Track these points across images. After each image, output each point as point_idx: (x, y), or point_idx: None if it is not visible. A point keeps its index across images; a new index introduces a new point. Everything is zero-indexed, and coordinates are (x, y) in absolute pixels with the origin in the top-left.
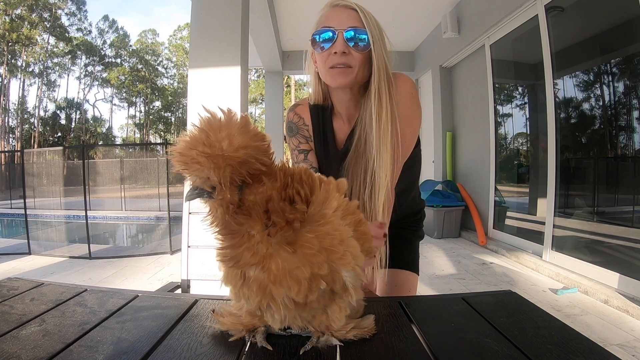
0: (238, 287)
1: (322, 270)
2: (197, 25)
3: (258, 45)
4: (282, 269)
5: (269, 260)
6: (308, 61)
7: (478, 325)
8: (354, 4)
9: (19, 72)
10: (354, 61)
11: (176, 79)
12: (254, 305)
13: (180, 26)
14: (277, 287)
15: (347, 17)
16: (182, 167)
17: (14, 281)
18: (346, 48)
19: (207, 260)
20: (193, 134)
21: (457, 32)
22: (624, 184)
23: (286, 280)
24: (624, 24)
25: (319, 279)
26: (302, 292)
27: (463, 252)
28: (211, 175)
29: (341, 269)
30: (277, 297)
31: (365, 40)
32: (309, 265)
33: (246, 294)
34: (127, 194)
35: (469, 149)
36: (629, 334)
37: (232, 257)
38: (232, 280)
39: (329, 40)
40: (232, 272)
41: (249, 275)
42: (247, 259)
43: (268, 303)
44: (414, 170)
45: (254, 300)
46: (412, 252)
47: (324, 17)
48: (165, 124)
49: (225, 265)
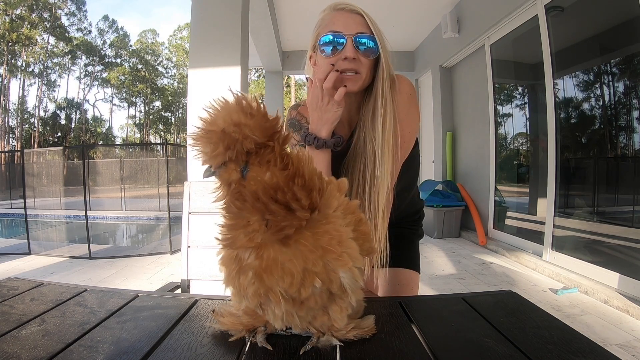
0: (233, 273)
1: (316, 267)
2: (197, 25)
3: (258, 45)
4: (272, 259)
5: (262, 248)
6: (307, 64)
7: (478, 325)
8: (359, 8)
9: (19, 72)
10: (362, 67)
11: (176, 79)
12: (251, 294)
13: (180, 26)
14: (268, 276)
15: (354, 22)
16: (194, 145)
17: (14, 281)
18: (355, 54)
19: (207, 260)
20: (202, 117)
21: (457, 32)
22: (624, 184)
23: (277, 270)
24: (624, 24)
25: (313, 276)
26: (295, 286)
27: (463, 252)
28: (208, 151)
29: (338, 269)
30: (271, 286)
31: (374, 46)
32: (302, 259)
33: (243, 283)
34: (127, 194)
35: (469, 149)
36: (629, 334)
37: (228, 237)
38: (227, 262)
39: (338, 45)
40: (228, 255)
41: (244, 259)
42: (243, 241)
43: (267, 294)
44: (413, 171)
45: (251, 289)
46: (413, 250)
47: (328, 20)
48: (165, 124)
49: (222, 244)
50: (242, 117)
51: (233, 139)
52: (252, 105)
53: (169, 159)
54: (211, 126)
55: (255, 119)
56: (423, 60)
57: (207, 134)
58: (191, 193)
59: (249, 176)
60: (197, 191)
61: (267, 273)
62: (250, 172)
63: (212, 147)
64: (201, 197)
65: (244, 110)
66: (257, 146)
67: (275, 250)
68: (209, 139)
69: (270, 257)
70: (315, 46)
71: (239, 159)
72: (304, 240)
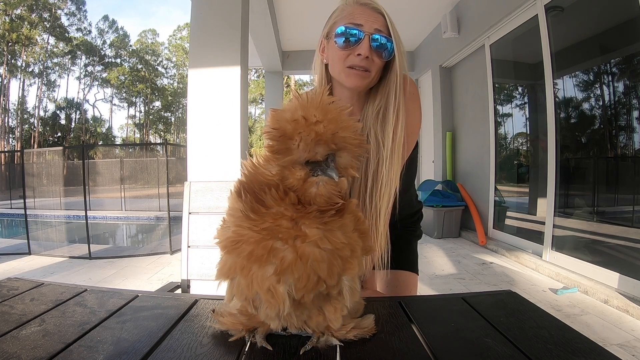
0: (255, 266)
1: (328, 274)
2: (197, 25)
3: (258, 45)
4: (309, 254)
5: (301, 239)
6: (315, 59)
7: (478, 325)
8: (382, 8)
9: (19, 72)
10: (374, 66)
11: (176, 79)
12: (265, 289)
13: (180, 26)
14: (288, 274)
15: (375, 20)
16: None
17: (14, 281)
18: (370, 52)
19: (207, 260)
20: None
21: (457, 32)
22: (624, 184)
23: (298, 270)
24: (624, 24)
25: (321, 282)
26: (308, 288)
27: (463, 252)
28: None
29: (344, 275)
30: (296, 273)
31: (390, 49)
32: (325, 266)
33: (260, 275)
34: (127, 194)
35: (469, 149)
36: (629, 333)
37: (268, 225)
38: (253, 252)
39: (354, 38)
40: (256, 240)
41: (279, 249)
42: (285, 231)
43: (273, 289)
44: (411, 172)
45: (266, 283)
46: (411, 252)
47: (347, 12)
48: (165, 124)
49: (257, 227)
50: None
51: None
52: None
53: (169, 159)
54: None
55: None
56: (423, 60)
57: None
58: (191, 193)
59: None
60: (197, 191)
61: (288, 270)
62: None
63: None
64: (201, 197)
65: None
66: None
67: (310, 245)
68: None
69: (305, 253)
70: (329, 34)
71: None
72: (326, 245)
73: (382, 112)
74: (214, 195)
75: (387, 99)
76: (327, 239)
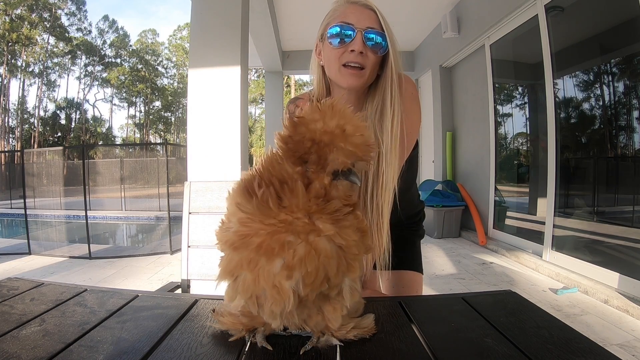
0: (263, 260)
1: (337, 278)
2: (197, 25)
3: (258, 45)
4: (322, 249)
5: (316, 234)
6: (312, 61)
7: (478, 325)
8: (373, 4)
9: (19, 72)
10: (368, 62)
11: (176, 79)
12: (271, 285)
13: (180, 26)
14: (296, 270)
15: (366, 17)
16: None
17: (14, 281)
18: (364, 48)
19: (207, 260)
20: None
21: (457, 32)
22: (624, 184)
23: (305, 266)
24: (624, 24)
25: (326, 281)
26: (314, 286)
27: (463, 252)
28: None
29: (346, 276)
30: (308, 267)
31: (383, 44)
32: (335, 263)
33: (269, 270)
34: (127, 194)
35: (469, 149)
36: (629, 333)
37: (284, 218)
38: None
39: (347, 37)
40: (269, 232)
41: (289, 239)
42: (301, 225)
43: (280, 285)
44: (412, 171)
45: (276, 279)
46: (415, 252)
47: (340, 12)
48: (165, 124)
49: (272, 221)
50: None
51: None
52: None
53: (169, 159)
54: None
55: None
56: (423, 60)
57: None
58: (191, 193)
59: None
60: (197, 191)
61: (299, 264)
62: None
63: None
64: (201, 197)
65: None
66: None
67: (323, 242)
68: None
69: (319, 247)
70: (323, 36)
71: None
72: (340, 242)
73: (380, 109)
74: (214, 195)
75: (384, 94)
76: (341, 235)
